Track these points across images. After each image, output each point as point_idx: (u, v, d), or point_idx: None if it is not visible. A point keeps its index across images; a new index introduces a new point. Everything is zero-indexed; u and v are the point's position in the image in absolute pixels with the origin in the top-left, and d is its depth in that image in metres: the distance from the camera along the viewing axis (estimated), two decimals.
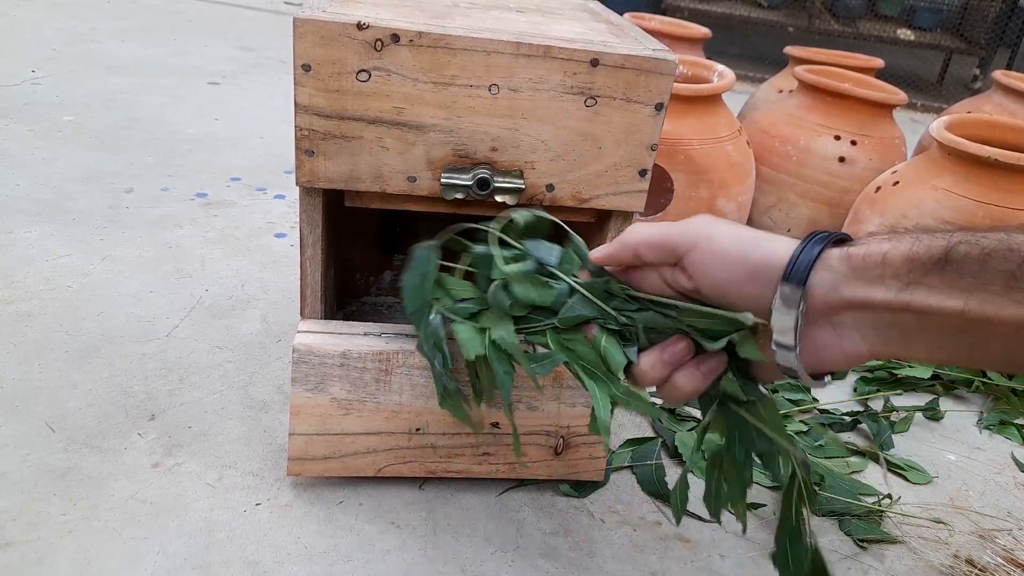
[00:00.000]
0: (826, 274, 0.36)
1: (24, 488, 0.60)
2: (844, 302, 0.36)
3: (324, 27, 0.50)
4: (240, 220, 1.09)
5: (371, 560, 0.58)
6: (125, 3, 2.35)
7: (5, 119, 1.32)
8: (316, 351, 0.59)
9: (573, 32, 0.59)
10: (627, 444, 0.74)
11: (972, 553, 0.66)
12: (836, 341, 0.38)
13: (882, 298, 0.35)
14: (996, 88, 1.56)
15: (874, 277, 0.35)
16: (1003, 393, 0.91)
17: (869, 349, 0.37)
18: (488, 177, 0.57)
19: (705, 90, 1.05)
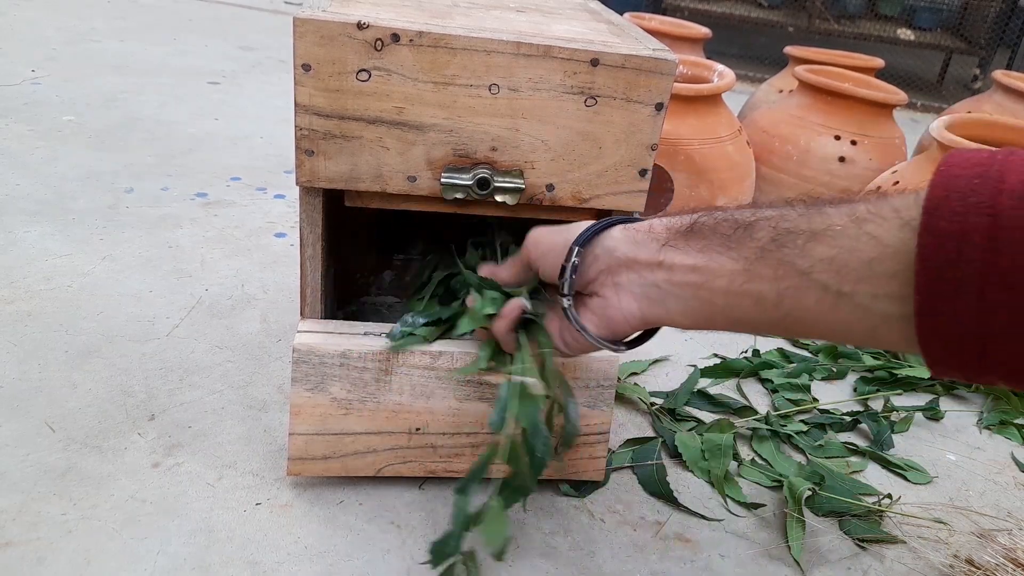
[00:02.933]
0: (608, 242, 0.45)
1: (24, 488, 0.60)
2: (619, 262, 0.44)
3: (324, 27, 0.50)
4: (240, 220, 1.09)
5: (371, 560, 0.58)
6: (125, 3, 2.35)
7: (5, 119, 1.32)
8: (316, 351, 0.59)
9: (573, 32, 0.59)
10: (627, 444, 0.74)
11: (972, 553, 0.66)
12: (616, 302, 0.45)
13: (645, 257, 0.43)
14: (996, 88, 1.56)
15: (641, 241, 0.44)
16: (1003, 393, 0.91)
17: (639, 308, 0.44)
18: (488, 177, 0.57)
19: (705, 90, 1.05)
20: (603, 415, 0.64)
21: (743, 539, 0.65)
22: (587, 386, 0.63)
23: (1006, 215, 0.29)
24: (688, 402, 0.81)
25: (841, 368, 0.92)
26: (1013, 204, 0.29)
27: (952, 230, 0.30)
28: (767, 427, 0.78)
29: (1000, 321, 0.30)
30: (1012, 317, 0.29)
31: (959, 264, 0.30)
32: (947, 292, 0.30)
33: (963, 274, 0.30)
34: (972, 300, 0.30)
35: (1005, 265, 0.29)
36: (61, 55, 1.73)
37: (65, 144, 1.26)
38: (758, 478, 0.72)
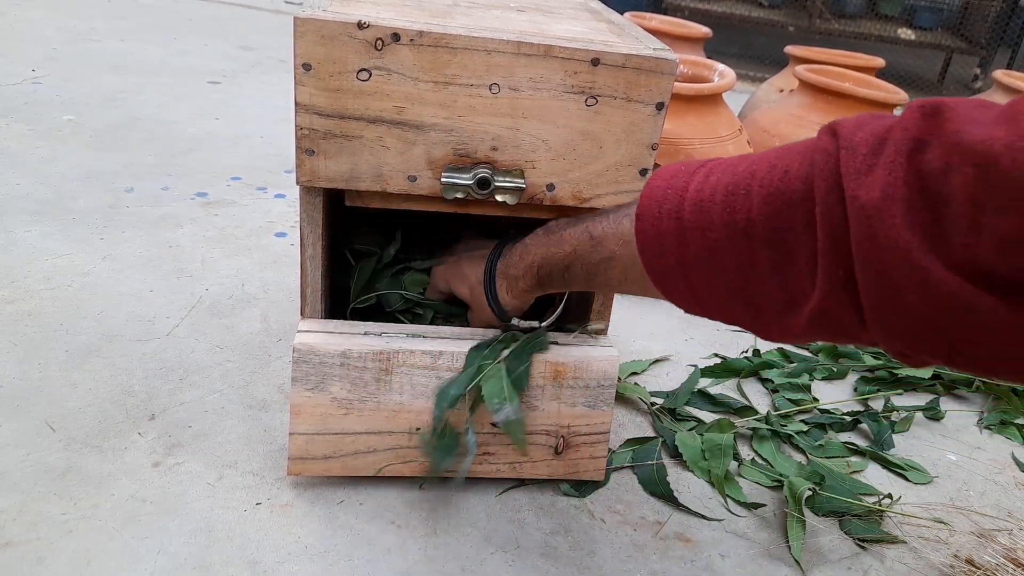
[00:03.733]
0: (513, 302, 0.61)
1: (24, 488, 0.60)
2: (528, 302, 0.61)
3: (325, 26, 0.50)
4: (240, 219, 1.09)
5: (371, 559, 0.58)
6: (125, 2, 2.35)
7: (5, 118, 1.32)
8: (316, 351, 0.58)
9: (574, 31, 0.59)
10: (627, 444, 0.74)
11: (972, 553, 0.66)
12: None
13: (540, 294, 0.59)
14: (997, 87, 1.56)
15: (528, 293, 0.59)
16: (1003, 393, 0.91)
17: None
18: (488, 177, 0.57)
19: (706, 89, 1.05)
20: (603, 415, 0.64)
21: (743, 539, 0.65)
22: (587, 386, 0.63)
23: (687, 219, 0.39)
24: (688, 402, 0.81)
25: (841, 368, 0.92)
26: (691, 209, 0.39)
27: (653, 231, 0.41)
28: (767, 427, 0.78)
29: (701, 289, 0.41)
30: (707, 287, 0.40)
31: (663, 255, 0.41)
32: (664, 274, 0.42)
33: (667, 263, 0.41)
34: (679, 279, 0.41)
35: (692, 254, 0.40)
36: (61, 55, 1.73)
37: (65, 144, 1.26)
38: (758, 478, 0.72)
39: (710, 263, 0.39)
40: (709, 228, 0.38)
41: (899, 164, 0.31)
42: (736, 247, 0.37)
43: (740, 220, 0.37)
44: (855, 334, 0.35)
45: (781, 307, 0.37)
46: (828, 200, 0.33)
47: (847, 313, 0.34)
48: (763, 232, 0.36)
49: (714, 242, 0.38)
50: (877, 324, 0.33)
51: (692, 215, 0.39)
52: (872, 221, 0.31)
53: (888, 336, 0.33)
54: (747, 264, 0.37)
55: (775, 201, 0.35)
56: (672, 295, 0.43)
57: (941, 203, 0.30)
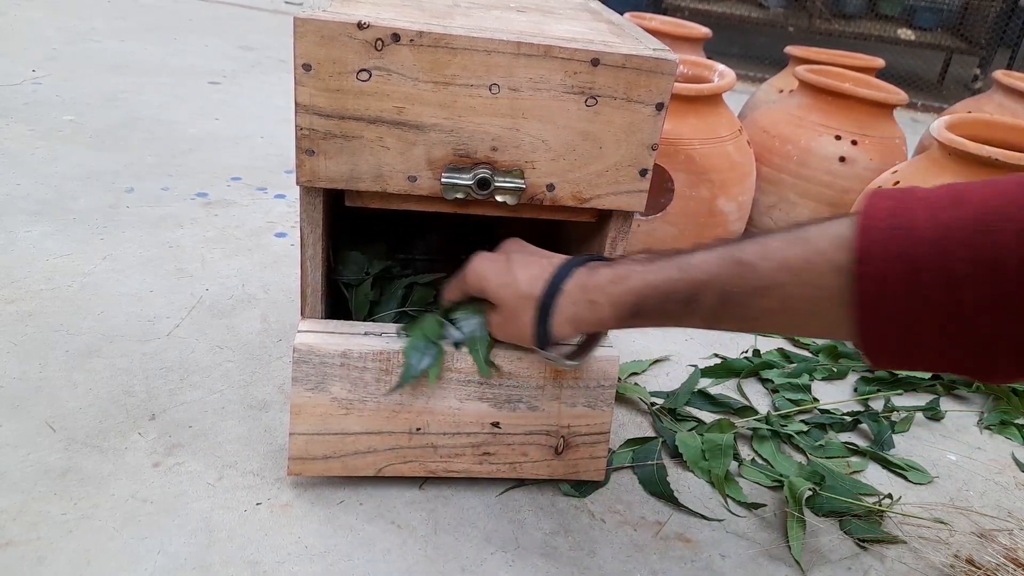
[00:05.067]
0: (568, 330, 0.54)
1: (24, 488, 0.60)
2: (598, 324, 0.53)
3: (325, 27, 0.50)
4: (241, 220, 1.09)
5: (371, 560, 0.58)
6: (125, 3, 2.35)
7: (5, 118, 1.32)
8: (317, 351, 0.59)
9: (574, 32, 0.59)
10: (628, 444, 0.74)
11: (973, 553, 0.66)
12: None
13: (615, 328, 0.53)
14: (997, 88, 1.56)
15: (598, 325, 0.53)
16: (1004, 393, 0.91)
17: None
18: (488, 177, 0.57)
19: (706, 90, 1.05)
20: (603, 415, 0.64)
21: (743, 539, 0.65)
22: (587, 386, 0.63)
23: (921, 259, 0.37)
24: (688, 402, 0.81)
25: (842, 368, 0.92)
26: (926, 250, 0.37)
27: (878, 274, 0.38)
28: (767, 427, 0.78)
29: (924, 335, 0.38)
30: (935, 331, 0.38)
31: (887, 298, 0.38)
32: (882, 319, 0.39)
33: (891, 307, 0.38)
34: (901, 323, 0.38)
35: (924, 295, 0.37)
36: (61, 55, 1.73)
37: (65, 144, 1.26)
38: (758, 478, 0.72)
39: (946, 304, 0.37)
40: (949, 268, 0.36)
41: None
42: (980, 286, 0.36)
43: (987, 257, 0.36)
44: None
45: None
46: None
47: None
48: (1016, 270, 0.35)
49: (954, 282, 0.36)
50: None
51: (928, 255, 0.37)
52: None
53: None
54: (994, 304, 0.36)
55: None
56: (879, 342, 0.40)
57: None
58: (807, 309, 0.42)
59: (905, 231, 0.38)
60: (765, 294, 0.43)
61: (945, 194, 0.39)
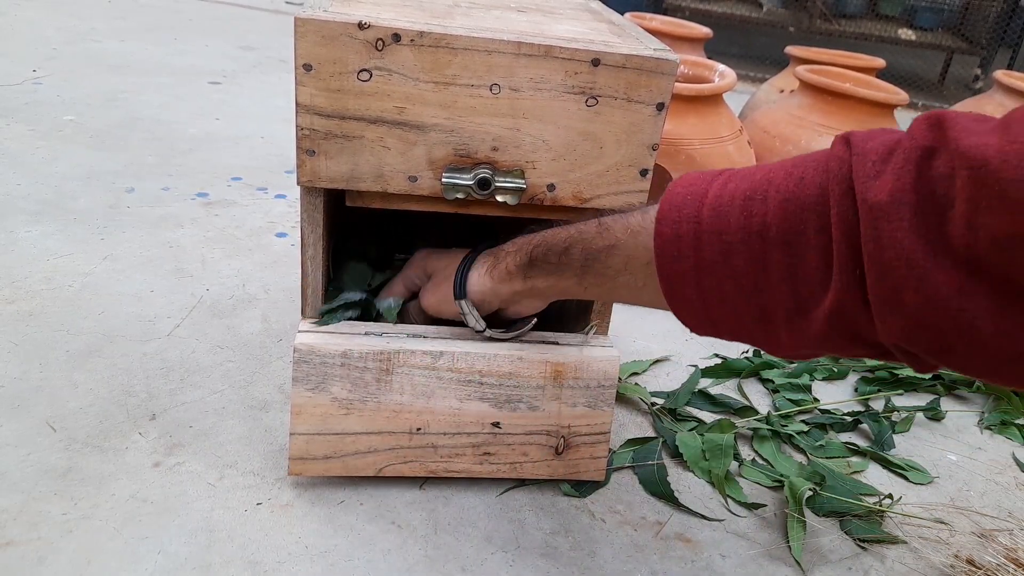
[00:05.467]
0: (482, 287, 0.58)
1: (25, 487, 0.60)
2: (504, 298, 0.58)
3: (325, 27, 0.50)
4: (241, 220, 1.10)
5: (372, 560, 0.58)
6: (125, 3, 2.35)
7: (6, 119, 1.32)
8: (317, 351, 0.59)
9: (574, 32, 0.59)
10: (628, 444, 0.74)
11: (973, 553, 0.66)
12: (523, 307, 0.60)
13: (520, 288, 0.56)
14: (997, 88, 1.56)
15: (507, 279, 0.57)
16: (1004, 393, 0.91)
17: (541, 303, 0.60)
18: (489, 177, 0.57)
19: (706, 90, 1.05)
20: (604, 415, 0.64)
21: (744, 539, 0.65)
22: (588, 386, 0.63)
23: (705, 222, 0.40)
24: (689, 402, 0.81)
25: (842, 368, 0.92)
26: (709, 213, 0.40)
27: (671, 234, 0.42)
28: (768, 427, 0.78)
29: (712, 297, 0.41)
30: (718, 293, 0.41)
31: (679, 259, 0.41)
32: (676, 280, 0.42)
33: (682, 268, 0.41)
34: (692, 285, 0.41)
35: (707, 257, 0.40)
36: (62, 55, 1.73)
37: (66, 144, 1.26)
38: (759, 478, 0.72)
39: (724, 267, 0.39)
40: (725, 231, 0.39)
41: (907, 171, 0.33)
42: (750, 249, 0.38)
43: (756, 223, 0.38)
44: (867, 334, 0.36)
45: (791, 312, 0.38)
46: (843, 203, 0.35)
47: (860, 311, 0.35)
48: (777, 235, 0.37)
49: (729, 244, 0.39)
50: (880, 320, 0.35)
51: (710, 219, 0.40)
52: (879, 221, 0.33)
53: (888, 332, 0.35)
54: (760, 267, 0.38)
55: (790, 205, 0.37)
56: (679, 303, 0.43)
57: (946, 206, 0.31)
58: (642, 269, 0.45)
59: (699, 197, 0.41)
60: (613, 252, 0.48)
61: (747, 169, 0.42)
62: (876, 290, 0.34)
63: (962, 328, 0.32)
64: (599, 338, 0.67)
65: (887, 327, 0.35)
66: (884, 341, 0.36)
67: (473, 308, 0.59)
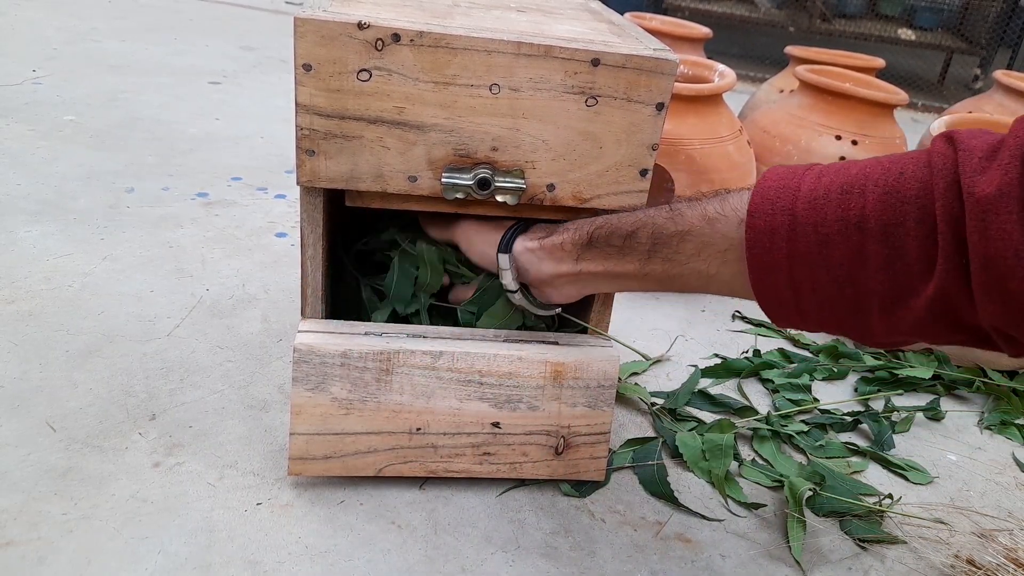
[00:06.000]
0: (530, 257, 0.59)
1: (25, 487, 0.60)
2: (548, 276, 0.58)
3: (325, 27, 0.50)
4: (241, 220, 1.10)
5: (372, 560, 0.58)
6: (126, 2, 2.36)
7: (6, 119, 1.32)
8: (317, 351, 0.59)
9: (574, 32, 0.59)
10: (628, 444, 0.74)
11: (973, 553, 0.66)
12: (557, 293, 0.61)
13: (566, 270, 0.57)
14: (997, 88, 1.56)
15: (560, 258, 0.57)
16: (1004, 393, 0.91)
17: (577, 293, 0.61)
18: (489, 177, 0.57)
19: (706, 90, 1.05)
20: (604, 415, 0.64)
21: (744, 539, 0.65)
22: (588, 386, 0.63)
23: (800, 214, 0.41)
24: (689, 402, 0.81)
25: (842, 368, 0.92)
26: (804, 206, 0.41)
27: (764, 227, 0.42)
28: (768, 427, 0.78)
29: (804, 287, 0.42)
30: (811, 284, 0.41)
31: (772, 251, 0.42)
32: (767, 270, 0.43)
33: (774, 258, 0.42)
34: (784, 275, 0.42)
35: (802, 249, 0.41)
36: (62, 55, 1.73)
37: (66, 144, 1.26)
38: (759, 478, 0.72)
39: (819, 257, 0.40)
40: (822, 223, 0.40)
41: (1014, 167, 0.35)
42: (848, 241, 0.39)
43: (854, 216, 0.39)
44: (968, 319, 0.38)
45: (887, 301, 0.40)
46: (947, 195, 0.36)
47: (962, 297, 0.37)
48: (876, 227, 0.38)
49: (826, 236, 0.40)
50: (983, 306, 0.36)
51: (806, 211, 0.41)
52: (986, 214, 0.35)
53: (991, 316, 0.36)
54: (857, 258, 0.39)
55: (890, 199, 0.38)
56: (767, 293, 0.44)
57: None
58: (717, 257, 0.46)
59: (792, 191, 0.42)
60: (687, 238, 0.49)
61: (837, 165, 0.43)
62: (980, 277, 0.35)
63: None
64: (599, 338, 0.67)
65: (990, 312, 0.36)
66: (985, 325, 0.37)
67: (513, 267, 0.60)
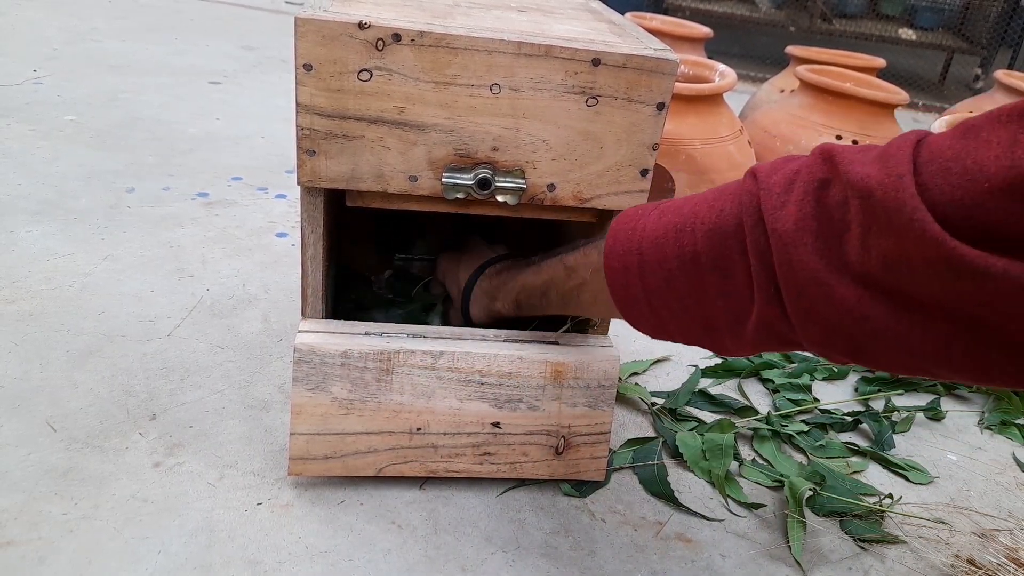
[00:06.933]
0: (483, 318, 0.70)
1: (25, 487, 0.60)
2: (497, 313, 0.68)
3: (325, 26, 0.50)
4: (241, 220, 1.10)
5: (372, 560, 0.58)
6: (126, 2, 2.36)
7: (7, 118, 1.32)
8: (317, 351, 0.59)
9: (574, 32, 0.59)
10: (628, 444, 0.74)
11: (973, 553, 0.66)
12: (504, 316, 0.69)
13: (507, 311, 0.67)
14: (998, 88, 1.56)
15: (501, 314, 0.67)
16: (1004, 393, 0.90)
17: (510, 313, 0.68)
18: (489, 177, 0.57)
19: (707, 90, 1.05)
20: (604, 415, 0.64)
21: (744, 539, 0.65)
22: (588, 386, 0.63)
23: (646, 253, 0.46)
24: (689, 402, 0.81)
25: (842, 368, 0.92)
26: (649, 246, 0.45)
27: (619, 266, 0.47)
28: (768, 427, 0.78)
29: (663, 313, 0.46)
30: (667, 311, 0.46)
31: (628, 287, 0.47)
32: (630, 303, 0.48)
33: (633, 294, 0.47)
34: (644, 306, 0.47)
35: (652, 284, 0.46)
36: (62, 55, 1.73)
37: (66, 144, 1.26)
38: (759, 478, 0.72)
39: (668, 290, 0.45)
40: (664, 261, 0.44)
41: (807, 200, 0.37)
42: (687, 275, 0.44)
43: (688, 252, 0.43)
44: (792, 339, 0.41)
45: (730, 322, 0.43)
46: (755, 232, 0.39)
47: (781, 321, 0.40)
48: (707, 261, 0.42)
49: (669, 272, 0.44)
50: (800, 329, 0.39)
51: (650, 251, 0.45)
52: (788, 247, 0.37)
53: (809, 339, 0.39)
54: (698, 288, 0.43)
55: (714, 235, 0.42)
56: (637, 321, 0.49)
57: (842, 230, 0.36)
58: (608, 299, 0.50)
59: (639, 232, 0.46)
60: (583, 290, 0.55)
61: (677, 202, 0.47)
62: (793, 305, 0.38)
63: (867, 333, 0.36)
64: (599, 338, 0.67)
65: (807, 334, 0.39)
66: (805, 344, 0.40)
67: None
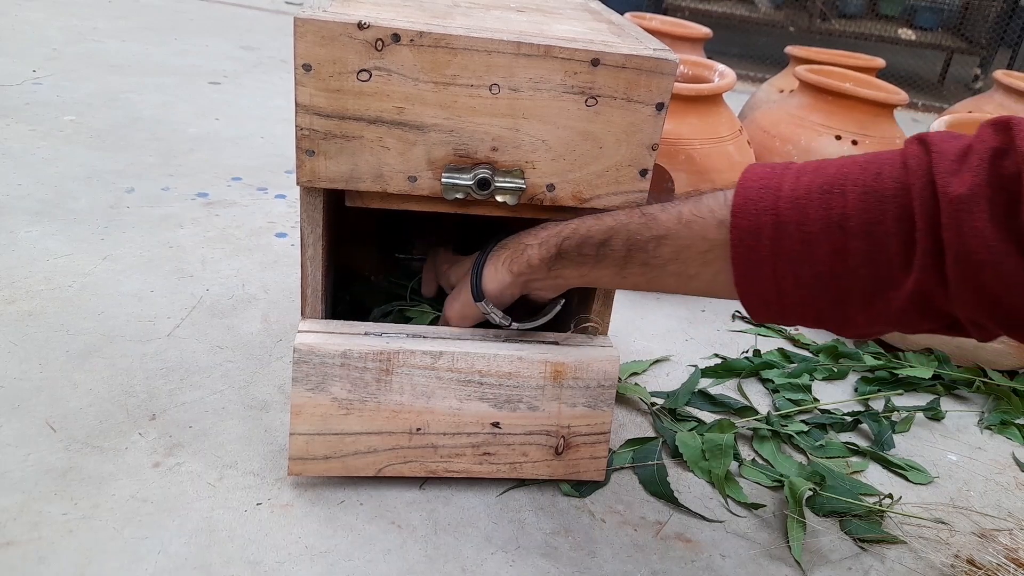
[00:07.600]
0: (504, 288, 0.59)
1: (25, 487, 0.60)
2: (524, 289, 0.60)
3: (325, 27, 0.50)
4: (241, 220, 1.10)
5: (372, 560, 0.58)
6: (126, 2, 2.36)
7: (6, 119, 1.32)
8: (317, 351, 0.59)
9: (574, 32, 0.59)
10: (628, 444, 0.74)
11: (973, 553, 0.66)
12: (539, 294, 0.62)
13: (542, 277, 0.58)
14: (997, 88, 1.56)
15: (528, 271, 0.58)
16: (1004, 393, 0.90)
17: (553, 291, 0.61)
18: (488, 177, 0.57)
19: (706, 90, 1.05)
20: (604, 415, 0.64)
21: (744, 539, 0.65)
22: (588, 386, 0.63)
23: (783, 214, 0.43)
24: (689, 402, 0.81)
25: (842, 368, 0.92)
26: (787, 206, 0.43)
27: (749, 227, 0.44)
28: (768, 427, 0.78)
29: (787, 284, 0.44)
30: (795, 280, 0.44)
31: (756, 249, 0.44)
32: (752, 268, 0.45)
33: (759, 256, 0.44)
34: (768, 272, 0.44)
35: (786, 247, 0.43)
36: (62, 55, 1.73)
37: (66, 144, 1.26)
38: (759, 478, 0.72)
39: (803, 255, 0.43)
40: (805, 222, 0.42)
41: (983, 168, 0.38)
42: (831, 238, 0.42)
43: (836, 215, 0.42)
44: (945, 310, 0.41)
45: (868, 294, 0.42)
46: (924, 195, 0.39)
47: (938, 290, 0.40)
48: (857, 225, 0.41)
49: (809, 235, 0.42)
50: (958, 297, 0.39)
51: (788, 211, 0.43)
52: (959, 212, 0.37)
53: (965, 306, 0.39)
54: (840, 254, 0.42)
55: (869, 198, 0.41)
56: (750, 287, 0.46)
57: (1016, 200, 0.36)
58: (697, 258, 0.48)
59: (774, 191, 0.44)
60: (663, 242, 0.50)
61: (813, 164, 0.45)
62: (955, 271, 0.38)
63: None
64: (599, 338, 0.67)
65: (963, 303, 0.39)
66: (959, 314, 0.40)
67: (494, 307, 0.61)
